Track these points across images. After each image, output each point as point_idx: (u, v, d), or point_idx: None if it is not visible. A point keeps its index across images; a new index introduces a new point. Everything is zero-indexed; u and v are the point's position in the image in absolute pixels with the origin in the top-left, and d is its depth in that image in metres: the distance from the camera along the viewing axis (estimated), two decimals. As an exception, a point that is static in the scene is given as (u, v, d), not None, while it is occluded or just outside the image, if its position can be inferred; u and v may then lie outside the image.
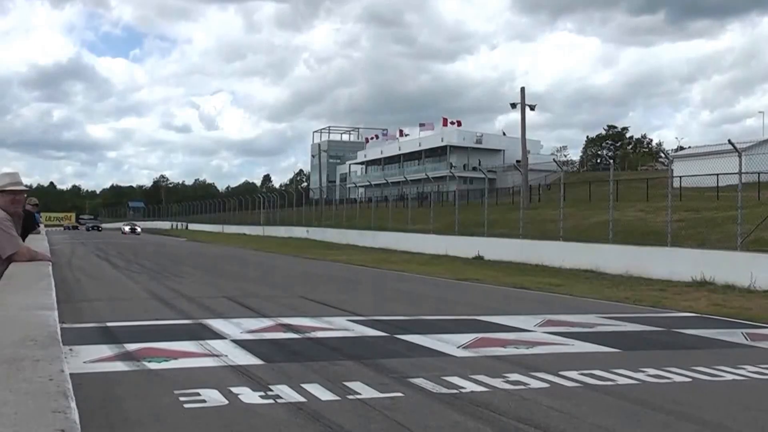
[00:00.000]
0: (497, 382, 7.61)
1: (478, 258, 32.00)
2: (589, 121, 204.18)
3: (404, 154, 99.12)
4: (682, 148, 71.04)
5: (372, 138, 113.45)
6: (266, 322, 12.04)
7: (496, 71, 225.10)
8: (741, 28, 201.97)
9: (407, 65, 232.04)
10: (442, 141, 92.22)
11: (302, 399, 6.76)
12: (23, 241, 6.57)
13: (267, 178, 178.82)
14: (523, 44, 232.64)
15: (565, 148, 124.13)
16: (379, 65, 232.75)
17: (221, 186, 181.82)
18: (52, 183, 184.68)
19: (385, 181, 59.22)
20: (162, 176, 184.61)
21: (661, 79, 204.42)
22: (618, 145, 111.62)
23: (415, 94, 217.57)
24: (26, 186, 6.25)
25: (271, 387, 7.20)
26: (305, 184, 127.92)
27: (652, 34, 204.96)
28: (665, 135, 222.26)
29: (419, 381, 7.61)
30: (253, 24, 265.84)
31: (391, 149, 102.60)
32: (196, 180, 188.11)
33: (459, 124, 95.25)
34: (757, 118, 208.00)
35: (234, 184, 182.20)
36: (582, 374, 8.12)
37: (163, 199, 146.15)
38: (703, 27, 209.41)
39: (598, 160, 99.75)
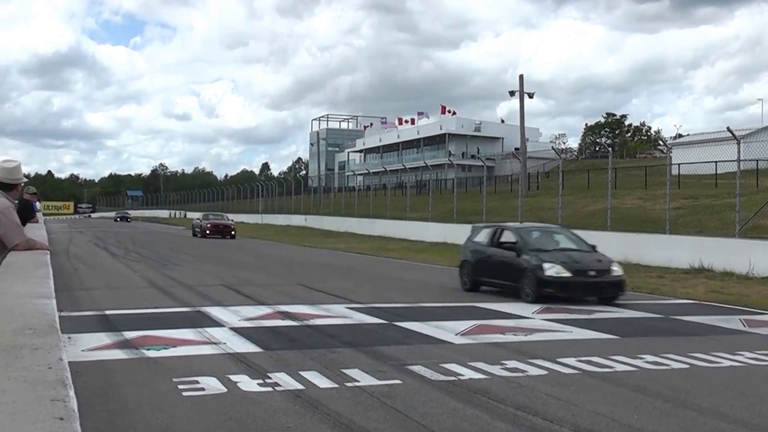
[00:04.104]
0: (495, 369, 7.63)
1: (477, 246, 31.95)
2: (591, 108, 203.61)
3: (403, 142, 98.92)
4: (680, 136, 70.97)
5: (368, 126, 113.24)
6: (264, 310, 12.06)
7: (499, 58, 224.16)
8: (748, 14, 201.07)
9: (409, 53, 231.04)
10: (440, 129, 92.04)
11: (300, 386, 6.77)
12: None
13: (266, 166, 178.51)
14: (527, 31, 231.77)
15: (563, 135, 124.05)
16: (380, 53, 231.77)
17: (220, 174, 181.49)
18: (50, 171, 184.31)
19: (383, 169, 59.22)
20: (161, 164, 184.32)
21: (664, 66, 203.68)
22: (617, 132, 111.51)
23: (417, 82, 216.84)
24: (25, 174, 6.25)
25: (269, 375, 7.21)
26: (304, 172, 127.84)
27: (657, 20, 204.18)
28: (668, 122, 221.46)
29: (417, 368, 7.63)
30: (255, 11, 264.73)
31: (389, 137, 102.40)
32: (195, 168, 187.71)
33: (454, 113, 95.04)
34: (758, 106, 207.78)
35: (233, 172, 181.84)
36: (580, 361, 8.15)
37: (161, 187, 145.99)
38: (708, 13, 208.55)
39: (597, 148, 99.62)
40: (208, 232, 41.10)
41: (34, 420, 1.48)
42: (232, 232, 41.65)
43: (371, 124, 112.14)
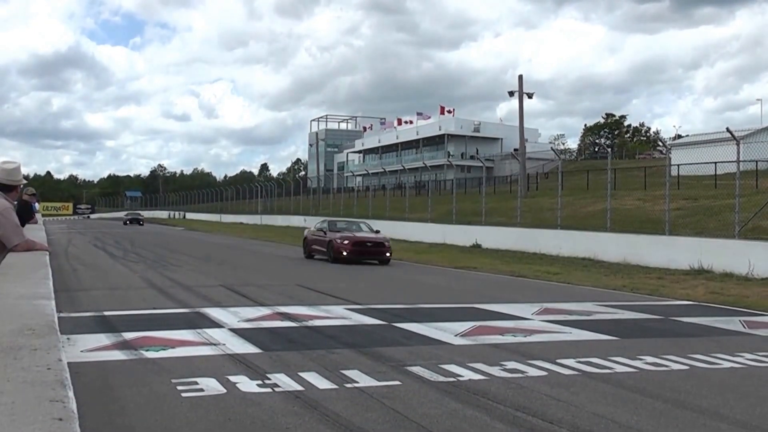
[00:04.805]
0: (495, 371, 7.62)
1: (476, 246, 32.04)
2: (591, 108, 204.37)
3: (402, 143, 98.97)
4: (680, 137, 71.04)
5: (369, 127, 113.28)
6: (264, 311, 12.05)
7: (499, 59, 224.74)
8: (748, 14, 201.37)
9: (409, 53, 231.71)
10: (439, 129, 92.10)
11: (300, 387, 6.77)
12: None
13: (265, 167, 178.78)
14: (527, 31, 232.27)
15: (562, 136, 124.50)
16: (380, 53, 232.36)
17: (219, 175, 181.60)
18: (48, 172, 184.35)
19: (382, 170, 59.34)
20: (159, 165, 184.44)
21: (664, 67, 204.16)
22: (616, 133, 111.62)
23: (417, 83, 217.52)
24: (24, 175, 6.25)
25: (268, 375, 7.20)
26: (303, 173, 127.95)
27: (657, 21, 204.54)
28: (668, 122, 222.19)
29: (417, 369, 7.62)
30: (254, 11, 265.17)
31: (388, 138, 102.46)
32: (194, 169, 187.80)
33: (452, 113, 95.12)
34: (757, 106, 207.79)
35: (232, 173, 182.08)
36: (579, 362, 8.14)
37: (160, 188, 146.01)
38: (709, 14, 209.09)
39: (596, 149, 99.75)
40: (345, 253, 24.01)
41: (33, 421, 1.48)
42: (387, 254, 24.36)
43: (371, 126, 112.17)
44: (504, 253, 28.74)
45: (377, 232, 26.27)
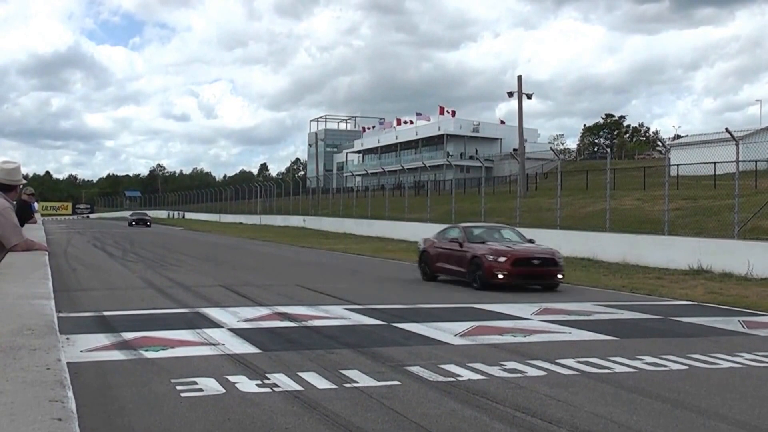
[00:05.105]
0: (494, 370, 7.63)
1: (475, 246, 31.94)
2: (590, 109, 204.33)
3: (401, 143, 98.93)
4: (679, 137, 71.00)
5: (369, 128, 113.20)
6: (263, 311, 12.06)
7: (499, 59, 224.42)
8: (748, 15, 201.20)
9: (408, 53, 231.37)
10: (439, 130, 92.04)
11: (299, 387, 6.77)
12: None
13: (264, 167, 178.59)
14: (527, 32, 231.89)
15: (561, 136, 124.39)
16: (379, 53, 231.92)
17: (218, 175, 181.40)
18: (48, 172, 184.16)
19: (381, 170, 59.26)
20: (158, 165, 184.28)
21: (664, 67, 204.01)
22: (615, 133, 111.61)
23: (416, 83, 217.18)
24: (24, 175, 6.25)
25: (268, 375, 7.21)
26: (302, 173, 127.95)
27: (657, 21, 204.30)
28: (667, 123, 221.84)
29: (416, 369, 7.63)
30: (254, 11, 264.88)
31: (388, 138, 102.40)
32: (193, 169, 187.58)
33: (453, 114, 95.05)
34: (757, 107, 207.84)
35: (231, 173, 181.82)
36: (579, 362, 8.15)
37: (159, 188, 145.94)
38: (708, 14, 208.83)
39: (595, 149, 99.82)
40: (502, 275, 16.25)
41: (33, 421, 1.48)
42: (559, 275, 16.85)
43: (373, 127, 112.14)
44: (503, 253, 28.69)
45: (531, 241, 18.49)
